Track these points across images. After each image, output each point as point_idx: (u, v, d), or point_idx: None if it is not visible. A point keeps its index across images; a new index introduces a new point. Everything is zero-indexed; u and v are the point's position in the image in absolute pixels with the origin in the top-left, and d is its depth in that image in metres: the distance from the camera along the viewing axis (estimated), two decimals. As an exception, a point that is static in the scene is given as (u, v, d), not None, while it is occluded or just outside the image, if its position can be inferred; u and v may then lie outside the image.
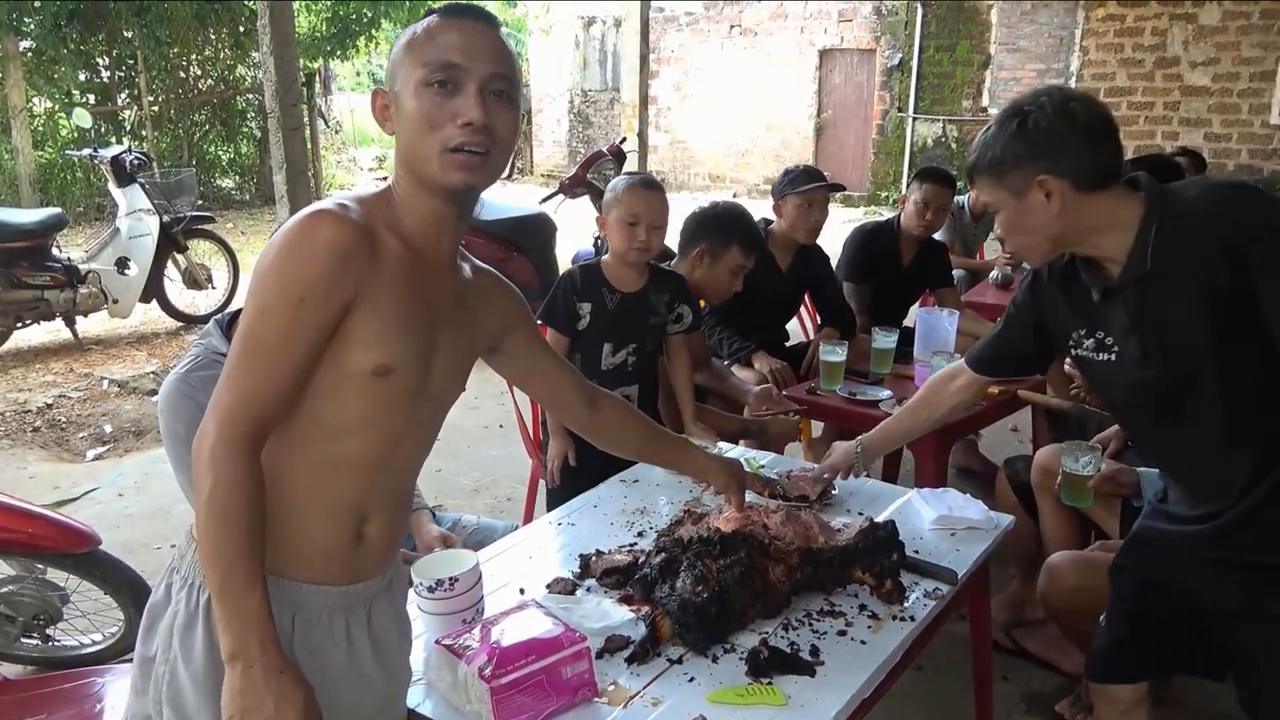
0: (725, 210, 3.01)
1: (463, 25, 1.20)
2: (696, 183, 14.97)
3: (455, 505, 3.60)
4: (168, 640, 1.20)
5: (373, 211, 1.21)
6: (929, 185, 3.71)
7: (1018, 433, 4.38)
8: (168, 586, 1.24)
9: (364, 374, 1.18)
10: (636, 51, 7.55)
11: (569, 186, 5.94)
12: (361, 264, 1.15)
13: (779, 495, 2.13)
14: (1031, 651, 2.70)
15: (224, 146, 12.16)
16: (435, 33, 1.19)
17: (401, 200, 1.24)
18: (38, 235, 5.70)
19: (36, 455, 4.45)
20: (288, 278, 1.12)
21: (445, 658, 1.44)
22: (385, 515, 1.30)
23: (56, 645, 2.71)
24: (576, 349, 2.64)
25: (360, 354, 1.17)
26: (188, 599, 1.20)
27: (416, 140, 1.19)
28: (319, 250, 1.12)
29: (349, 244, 1.14)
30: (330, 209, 1.16)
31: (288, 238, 1.14)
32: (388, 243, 1.20)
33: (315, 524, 1.23)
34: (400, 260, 1.20)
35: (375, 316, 1.17)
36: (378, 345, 1.18)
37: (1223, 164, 10.40)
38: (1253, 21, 10.42)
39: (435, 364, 1.28)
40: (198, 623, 1.19)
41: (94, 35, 10.58)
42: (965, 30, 12.26)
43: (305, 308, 1.12)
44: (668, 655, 1.56)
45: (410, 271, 1.21)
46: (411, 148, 1.21)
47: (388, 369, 1.19)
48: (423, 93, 1.18)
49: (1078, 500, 2.43)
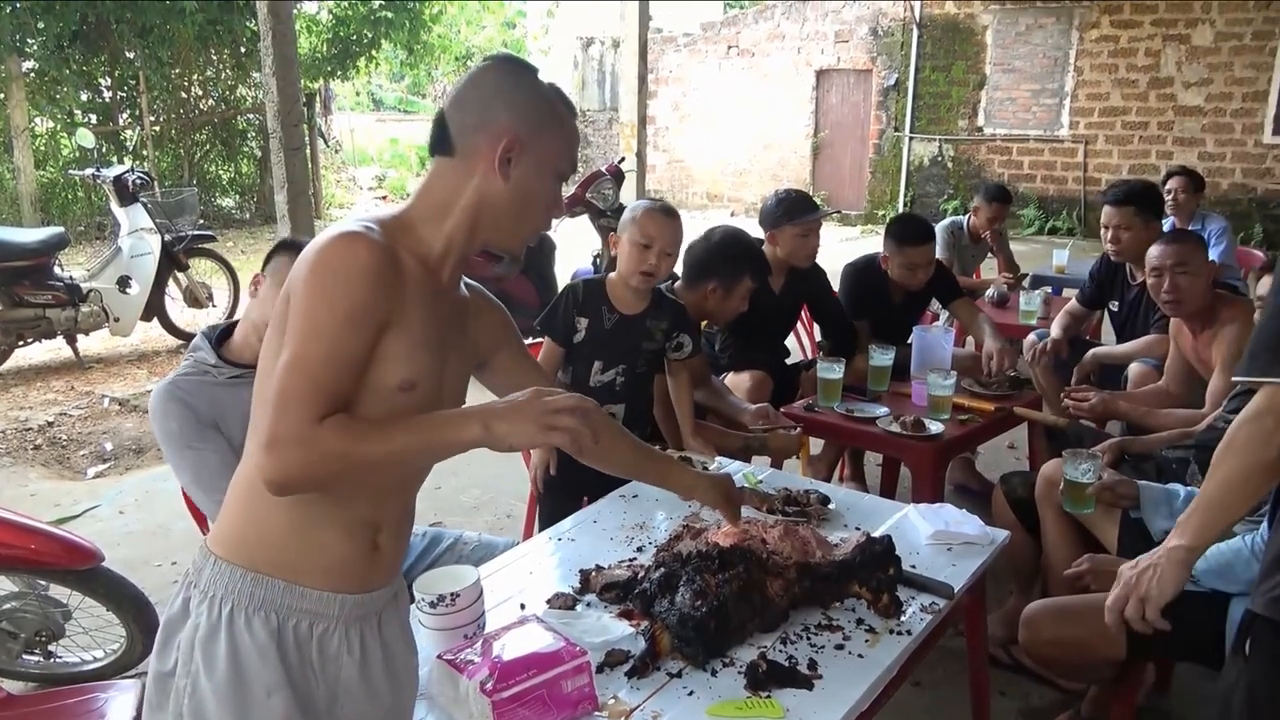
0: (731, 242, 3.03)
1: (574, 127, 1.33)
2: (694, 202, 15.04)
3: (455, 522, 3.61)
4: (189, 653, 1.21)
5: (393, 234, 1.23)
6: (910, 249, 3.55)
7: (1014, 449, 4.40)
8: (185, 600, 1.25)
9: (391, 389, 1.20)
10: (635, 72, 7.59)
11: (568, 205, 5.99)
12: (392, 284, 1.18)
13: (777, 510, 2.16)
14: (1028, 667, 2.71)
15: (225, 166, 12.22)
16: (567, 127, 1.31)
17: (428, 229, 1.27)
18: (40, 254, 5.73)
19: (38, 473, 4.46)
20: (334, 300, 1.14)
21: (447, 672, 1.46)
22: (395, 525, 1.33)
23: (59, 662, 2.71)
24: (570, 362, 2.68)
25: (389, 369, 1.20)
26: (209, 611, 1.21)
27: (527, 213, 1.30)
28: (358, 273, 1.14)
29: (383, 265, 1.16)
30: (358, 232, 1.18)
31: (325, 262, 1.15)
32: (408, 264, 1.22)
33: (336, 538, 1.25)
34: (419, 281, 1.23)
35: (405, 334, 1.20)
36: (405, 361, 1.21)
37: (1217, 183, 10.47)
38: (1245, 42, 10.52)
39: (447, 378, 1.32)
40: (220, 633, 1.20)
41: (96, 56, 10.66)
42: (961, 51, 12.37)
43: (353, 327, 1.15)
44: (667, 669, 1.57)
45: (427, 293, 1.24)
46: (517, 214, 1.29)
47: (413, 384, 1.22)
48: (553, 181, 1.30)
49: (1079, 507, 2.46)
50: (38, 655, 2.66)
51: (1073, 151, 11.77)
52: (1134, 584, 1.63)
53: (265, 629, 1.21)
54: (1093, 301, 3.96)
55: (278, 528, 1.23)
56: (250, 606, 1.21)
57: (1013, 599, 2.89)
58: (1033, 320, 4.46)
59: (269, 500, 1.18)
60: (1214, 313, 2.93)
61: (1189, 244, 2.98)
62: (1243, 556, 1.95)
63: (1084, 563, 2.21)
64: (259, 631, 1.21)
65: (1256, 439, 1.45)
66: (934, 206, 12.61)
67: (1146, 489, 2.38)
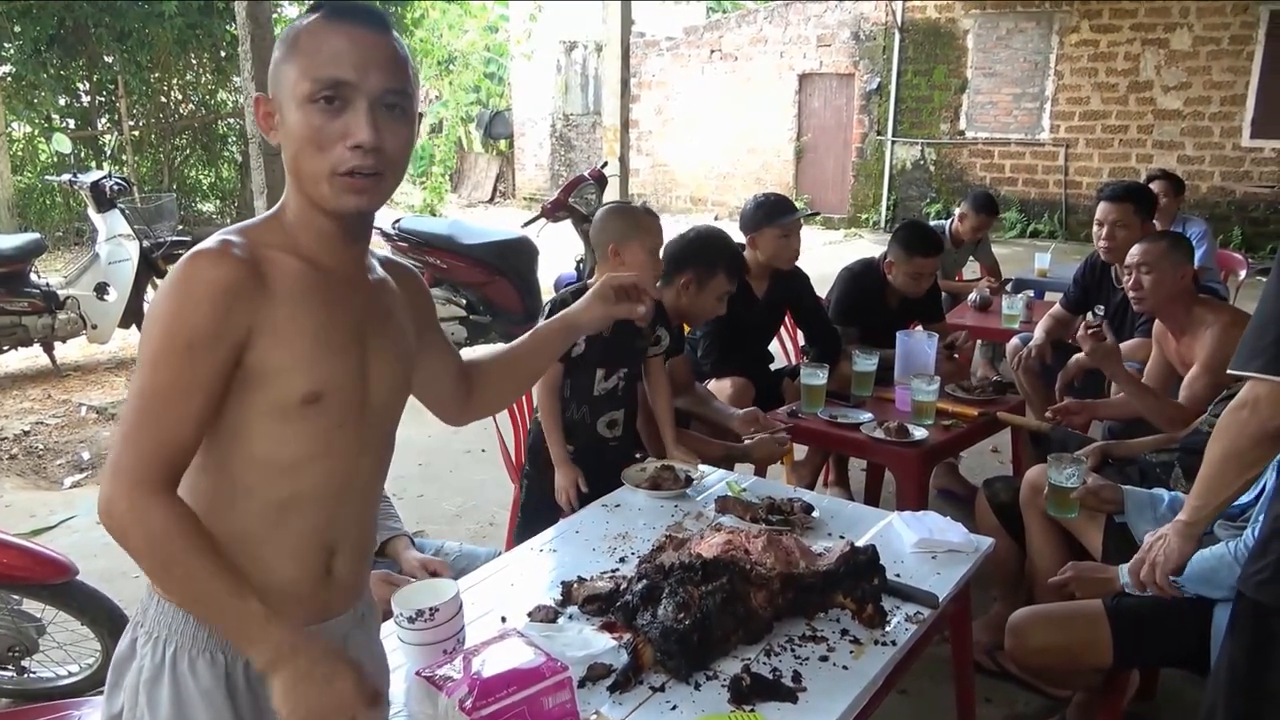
0: (708, 237, 3.03)
1: (352, 32, 1.11)
2: (678, 205, 15.04)
3: (437, 531, 3.58)
4: (134, 696, 1.17)
5: (262, 238, 1.15)
6: (920, 258, 3.58)
7: (998, 454, 4.41)
8: (132, 641, 1.20)
9: (293, 405, 1.13)
10: (618, 76, 7.58)
11: (551, 210, 5.96)
12: (249, 299, 1.09)
13: (760, 519, 2.14)
14: (1013, 673, 2.70)
15: (205, 171, 12.11)
16: (320, 39, 1.10)
17: (296, 217, 1.18)
18: (16, 260, 5.66)
19: (13, 483, 4.39)
20: (173, 326, 1.07)
21: (425, 689, 1.43)
22: (351, 544, 1.27)
23: (32, 677, 2.67)
24: (569, 375, 2.63)
25: (281, 386, 1.13)
26: (153, 653, 1.17)
27: (303, 159, 1.12)
28: (200, 294, 1.07)
29: (231, 281, 1.08)
30: (209, 248, 1.10)
31: (170, 285, 1.09)
32: (284, 266, 1.14)
33: (281, 566, 1.20)
34: (303, 280, 1.15)
35: (283, 345, 1.12)
36: (298, 373, 1.13)
37: (1196, 186, 10.55)
38: (1222, 47, 10.62)
39: (373, 377, 1.23)
40: (164, 676, 1.16)
41: (74, 60, 10.54)
42: (942, 55, 12.43)
43: (195, 353, 1.07)
44: (650, 683, 1.55)
45: (319, 289, 1.16)
46: (299, 166, 1.14)
47: (317, 395, 1.14)
48: (308, 109, 1.10)
49: (1062, 511, 2.46)
50: (11, 671, 2.61)
51: (1054, 155, 11.84)
52: (1149, 551, 1.85)
53: (211, 671, 1.17)
54: (1078, 306, 3.97)
55: None
56: (194, 648, 1.17)
57: (997, 604, 2.88)
58: (1015, 324, 4.47)
59: None
60: (1192, 315, 2.92)
61: (1157, 243, 2.94)
62: (1226, 562, 1.95)
63: (1068, 570, 2.21)
64: (203, 674, 1.16)
65: (1233, 428, 1.60)
66: (916, 210, 12.66)
67: (1131, 493, 2.38)
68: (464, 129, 15.80)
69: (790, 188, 13.48)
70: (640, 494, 2.34)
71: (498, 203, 16.05)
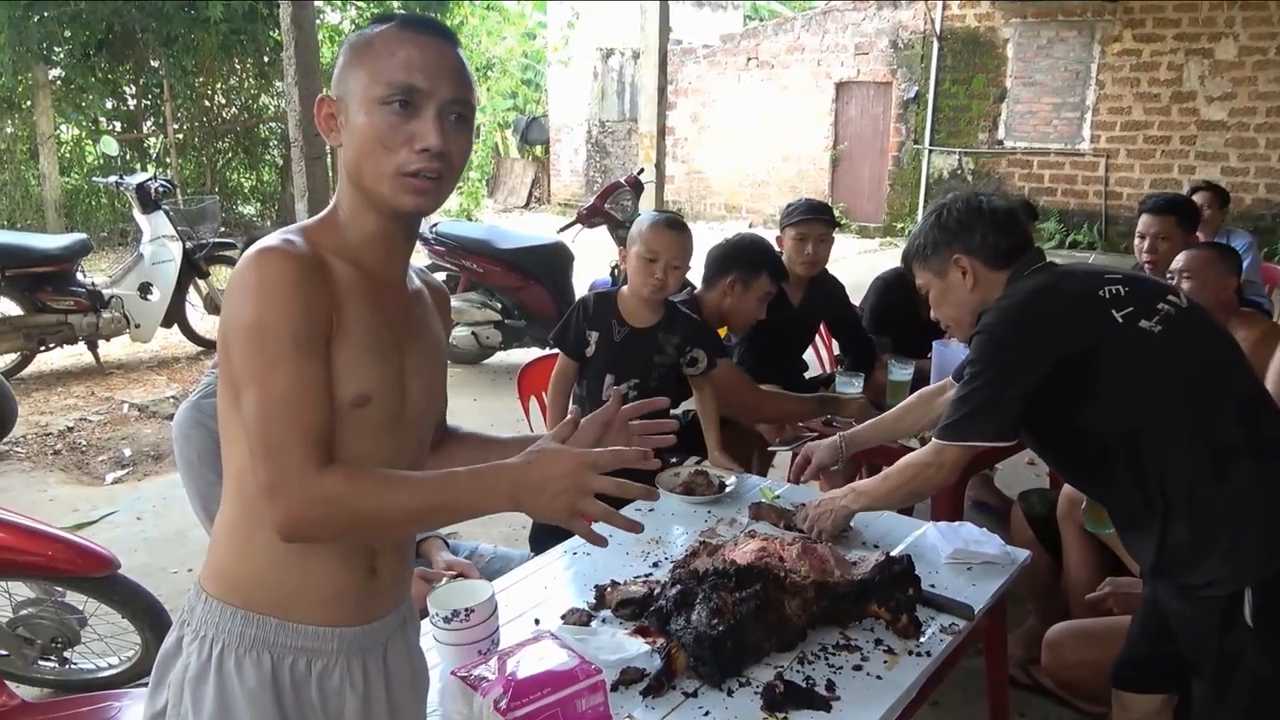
0: (752, 241, 3.09)
1: (423, 42, 1.14)
2: (713, 213, 15.03)
3: (469, 533, 3.60)
4: (179, 694, 1.18)
5: (317, 239, 1.17)
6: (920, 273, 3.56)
7: (1034, 466, 4.36)
8: (179, 639, 1.22)
9: (344, 407, 1.14)
10: (654, 83, 7.59)
11: (587, 216, 5.99)
12: (320, 291, 1.12)
13: (795, 526, 2.14)
14: (1048, 688, 2.67)
15: (247, 174, 12.30)
16: (394, 47, 1.13)
17: (346, 219, 1.20)
18: (63, 260, 5.78)
19: (57, 478, 4.48)
20: (273, 326, 1.08)
21: (460, 689, 1.44)
22: (396, 547, 1.29)
23: (74, 668, 2.72)
24: (583, 376, 2.66)
25: (339, 387, 1.13)
26: (199, 651, 1.18)
27: (368, 159, 1.14)
28: (281, 290, 1.08)
29: (302, 274, 1.10)
30: (276, 246, 1.12)
31: (250, 288, 1.09)
32: (338, 268, 1.15)
33: (327, 569, 1.20)
34: (354, 284, 1.16)
35: (348, 343, 1.14)
36: (352, 375, 1.14)
37: (1240, 198, 10.37)
38: (1269, 57, 10.44)
39: (411, 385, 1.24)
40: (209, 675, 1.17)
41: (121, 64, 10.76)
42: (981, 64, 12.33)
43: (303, 348, 1.09)
44: (683, 688, 1.56)
45: (367, 294, 1.17)
46: (361, 165, 1.15)
47: (365, 398, 1.15)
48: (378, 111, 1.13)
49: (1100, 527, 2.43)
50: (53, 661, 2.67)
51: (1094, 165, 11.69)
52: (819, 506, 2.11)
53: (257, 671, 1.17)
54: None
55: (265, 563, 1.18)
56: (241, 647, 1.18)
57: (1031, 618, 2.85)
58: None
59: (254, 536, 1.15)
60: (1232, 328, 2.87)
61: (1204, 252, 2.91)
62: None
63: (1106, 586, 2.18)
64: (249, 674, 1.17)
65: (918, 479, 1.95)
66: (953, 219, 12.52)
67: None
68: (500, 135, 15.91)
69: (826, 196, 13.41)
70: (673, 499, 2.34)
71: (533, 208, 16.13)
